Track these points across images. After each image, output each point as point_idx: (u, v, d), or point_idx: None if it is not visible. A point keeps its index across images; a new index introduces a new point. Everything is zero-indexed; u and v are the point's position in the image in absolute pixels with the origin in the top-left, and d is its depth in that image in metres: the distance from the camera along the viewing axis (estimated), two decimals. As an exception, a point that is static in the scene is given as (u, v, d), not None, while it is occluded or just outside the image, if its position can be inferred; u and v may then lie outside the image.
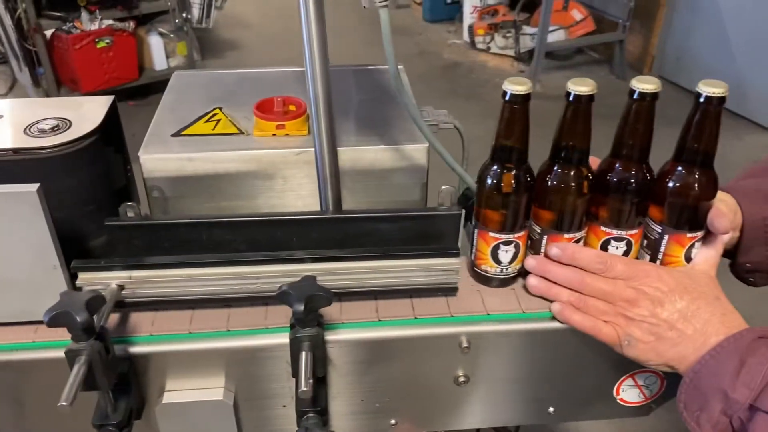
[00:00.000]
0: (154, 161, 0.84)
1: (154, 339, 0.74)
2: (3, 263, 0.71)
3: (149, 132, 0.89)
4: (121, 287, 0.75)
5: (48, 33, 3.56)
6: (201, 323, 0.76)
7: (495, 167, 0.76)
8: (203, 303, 0.77)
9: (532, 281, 0.80)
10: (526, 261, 0.81)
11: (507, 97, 0.71)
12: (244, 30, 5.16)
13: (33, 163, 0.73)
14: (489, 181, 0.76)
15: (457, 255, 0.78)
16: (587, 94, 0.70)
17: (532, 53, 4.21)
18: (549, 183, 0.76)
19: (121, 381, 0.72)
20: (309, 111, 0.81)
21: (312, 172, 0.85)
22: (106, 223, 0.77)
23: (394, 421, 0.83)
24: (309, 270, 0.75)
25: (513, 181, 0.75)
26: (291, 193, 0.88)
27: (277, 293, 0.67)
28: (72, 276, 0.74)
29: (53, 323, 0.62)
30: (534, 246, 0.80)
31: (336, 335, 0.75)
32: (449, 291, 0.80)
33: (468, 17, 4.89)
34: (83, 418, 0.72)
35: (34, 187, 0.66)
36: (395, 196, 0.89)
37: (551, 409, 0.85)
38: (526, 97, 0.71)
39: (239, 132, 0.88)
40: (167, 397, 0.75)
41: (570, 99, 0.71)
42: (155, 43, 3.88)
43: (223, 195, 0.87)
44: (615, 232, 0.77)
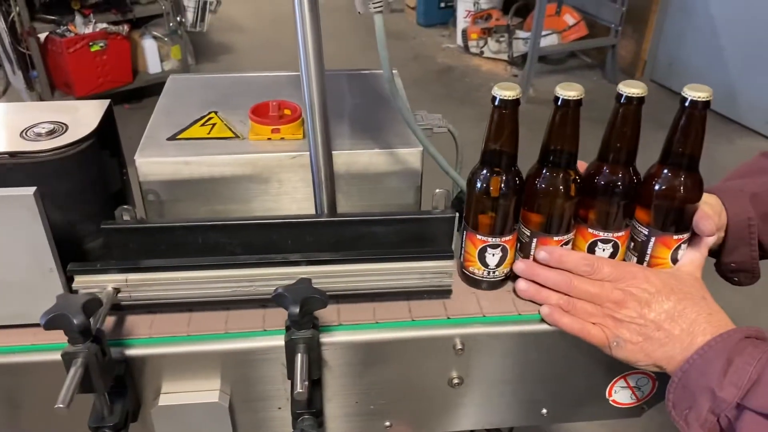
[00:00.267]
0: (150, 165, 0.84)
1: (150, 341, 0.75)
2: (-1, 266, 0.71)
3: (145, 135, 0.89)
4: (117, 290, 0.75)
5: (42, 36, 3.55)
6: (197, 326, 0.76)
7: (484, 171, 0.76)
8: (199, 306, 0.78)
9: (521, 285, 0.81)
10: (515, 265, 0.82)
11: (496, 102, 0.72)
12: (238, 34, 5.17)
13: (29, 167, 0.74)
14: (477, 185, 0.77)
15: (451, 258, 0.79)
16: (575, 98, 0.72)
17: (525, 57, 4.24)
18: (538, 186, 0.77)
19: (118, 383, 0.72)
20: (304, 115, 0.82)
21: (307, 175, 0.86)
22: (102, 227, 0.77)
23: (388, 423, 0.83)
24: (304, 273, 0.75)
25: (500, 186, 0.76)
26: (286, 197, 0.89)
27: (273, 295, 0.68)
28: (68, 279, 0.74)
29: (50, 326, 0.63)
30: (523, 249, 0.81)
31: (331, 337, 0.75)
32: (443, 294, 0.81)
33: (461, 21, 4.91)
34: (79, 420, 0.72)
35: (30, 191, 0.67)
36: (390, 199, 0.90)
37: (544, 411, 0.86)
38: (515, 103, 0.72)
39: (235, 136, 0.89)
40: (163, 400, 0.76)
41: (558, 103, 0.72)
42: (149, 47, 3.88)
43: (219, 198, 0.87)
44: (602, 234, 0.79)
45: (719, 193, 0.85)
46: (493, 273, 0.82)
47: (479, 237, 0.79)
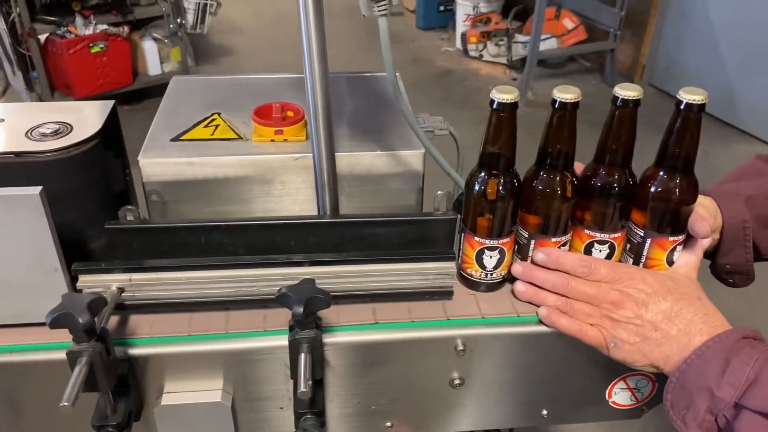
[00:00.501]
0: (153, 165, 0.85)
1: (153, 341, 0.75)
2: (4, 265, 0.71)
3: (148, 136, 0.89)
4: (121, 290, 0.76)
5: (42, 37, 3.56)
6: (198, 326, 0.77)
7: (482, 174, 0.77)
8: (202, 306, 0.78)
9: (519, 287, 0.81)
10: (512, 267, 0.82)
11: (494, 106, 0.73)
12: (237, 36, 5.17)
13: (35, 167, 0.74)
14: (475, 188, 0.77)
15: (453, 259, 0.79)
16: (572, 101, 0.72)
17: (524, 61, 4.25)
18: (535, 188, 0.77)
19: (121, 383, 0.73)
20: (307, 117, 0.82)
21: (309, 177, 0.86)
22: (105, 227, 0.77)
23: (389, 424, 0.84)
24: (307, 273, 0.76)
25: (498, 188, 0.76)
26: (288, 198, 0.89)
27: (277, 295, 0.68)
28: (72, 278, 0.75)
29: (55, 324, 0.63)
30: (521, 250, 0.82)
31: (333, 338, 0.76)
32: (444, 295, 0.81)
33: (461, 25, 4.92)
34: (80, 420, 0.73)
35: (36, 190, 0.67)
36: (391, 200, 0.91)
37: (544, 412, 0.86)
38: (513, 106, 0.73)
39: (238, 137, 0.89)
40: (166, 399, 0.76)
41: (555, 106, 0.73)
42: (149, 48, 3.88)
43: (221, 199, 0.88)
44: (598, 235, 0.79)
45: (715, 196, 0.86)
46: (491, 275, 0.82)
47: (477, 239, 0.80)
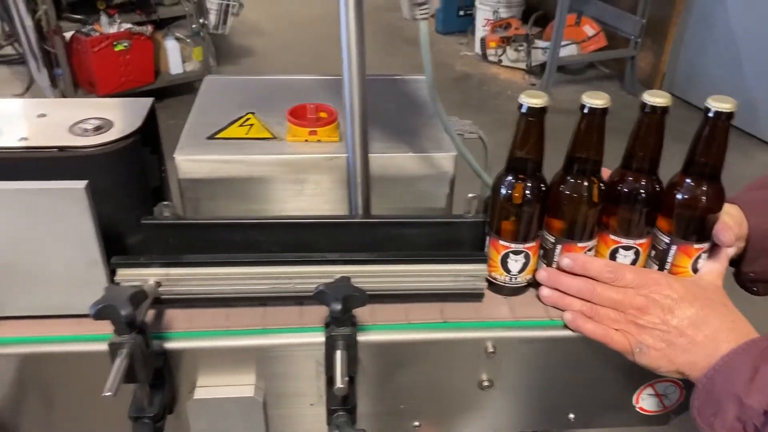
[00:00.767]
0: (188, 163, 0.86)
1: (188, 335, 0.76)
2: (46, 257, 0.73)
3: (184, 134, 0.91)
4: (159, 284, 0.77)
5: (67, 35, 3.61)
6: (235, 321, 0.78)
7: (509, 178, 0.77)
8: (238, 302, 0.79)
9: (544, 292, 0.81)
10: (537, 274, 0.83)
11: (523, 110, 0.73)
12: (258, 37, 5.21)
13: (77, 161, 0.76)
14: (502, 191, 0.78)
15: (485, 261, 0.80)
16: (601, 107, 0.73)
17: (543, 67, 4.24)
18: (563, 193, 0.77)
19: (157, 375, 0.74)
20: (343, 119, 0.83)
21: (341, 177, 0.87)
22: (142, 222, 0.79)
23: (417, 423, 0.84)
24: (340, 272, 0.77)
25: (525, 192, 0.77)
26: (320, 198, 0.90)
27: (315, 292, 0.69)
28: (111, 272, 0.76)
29: (99, 316, 0.64)
30: (547, 255, 0.82)
31: (365, 336, 0.77)
32: (475, 297, 0.82)
33: (480, 30, 4.92)
34: (114, 411, 0.74)
35: (82, 184, 0.69)
36: (422, 202, 0.91)
37: (571, 416, 0.86)
38: (542, 110, 0.73)
39: (272, 137, 0.91)
40: (198, 393, 0.77)
41: (585, 111, 0.73)
42: (172, 48, 3.92)
43: (254, 197, 0.89)
44: (624, 240, 0.79)
45: (741, 204, 0.86)
46: (515, 279, 0.82)
47: (502, 243, 0.80)
